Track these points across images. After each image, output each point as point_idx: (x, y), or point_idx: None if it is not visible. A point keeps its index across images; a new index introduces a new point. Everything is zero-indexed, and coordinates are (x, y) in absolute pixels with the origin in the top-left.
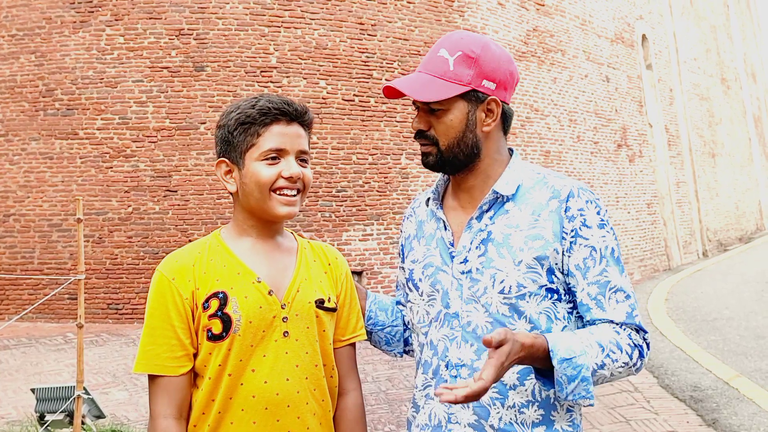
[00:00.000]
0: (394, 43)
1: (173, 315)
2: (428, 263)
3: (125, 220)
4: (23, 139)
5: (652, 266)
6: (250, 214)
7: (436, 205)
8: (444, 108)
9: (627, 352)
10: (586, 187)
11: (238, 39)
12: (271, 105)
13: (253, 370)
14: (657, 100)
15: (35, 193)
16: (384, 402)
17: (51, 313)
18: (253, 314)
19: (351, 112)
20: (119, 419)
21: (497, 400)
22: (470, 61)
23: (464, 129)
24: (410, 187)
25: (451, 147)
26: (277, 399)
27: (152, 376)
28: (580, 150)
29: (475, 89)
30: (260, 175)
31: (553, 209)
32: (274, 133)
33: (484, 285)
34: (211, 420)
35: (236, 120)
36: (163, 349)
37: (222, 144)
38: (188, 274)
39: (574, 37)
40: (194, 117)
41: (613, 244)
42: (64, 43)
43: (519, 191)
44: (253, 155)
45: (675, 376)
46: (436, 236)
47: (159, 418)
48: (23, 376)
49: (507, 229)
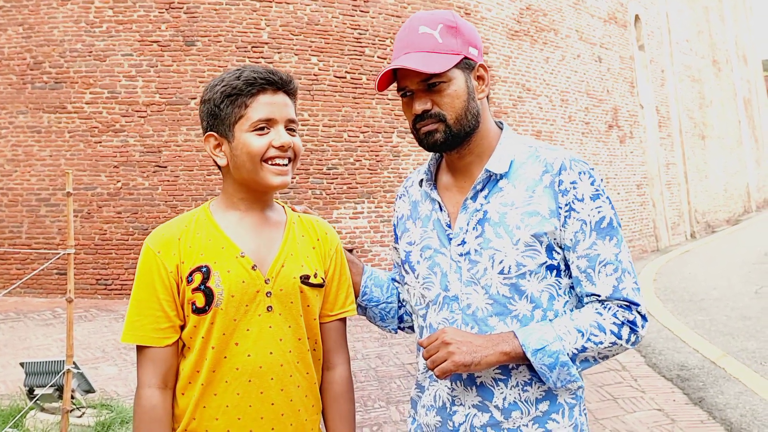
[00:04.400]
0: (387, 20)
1: (158, 288)
2: (426, 245)
3: (114, 195)
4: (11, 113)
5: (640, 247)
6: (242, 187)
7: (430, 186)
8: (445, 80)
9: (613, 332)
10: (579, 158)
11: (229, 14)
12: (256, 75)
13: (237, 343)
14: (648, 81)
15: (23, 167)
16: (374, 379)
17: (39, 288)
18: (236, 288)
19: (342, 89)
20: (108, 394)
21: (500, 380)
22: (453, 30)
23: (468, 98)
24: (401, 166)
25: (459, 119)
26: (260, 371)
27: (139, 347)
28: (571, 130)
29: (466, 57)
30: (251, 146)
31: (547, 184)
32: (262, 102)
33: (484, 266)
34: (196, 391)
35: (222, 92)
36: (148, 320)
37: (209, 118)
38: (173, 247)
39: (567, 17)
40: (184, 92)
41: (609, 214)
42: (53, 15)
43: (512, 167)
44: (242, 127)
45: (662, 355)
46: (432, 218)
47: (144, 387)
48: (11, 350)
49: (502, 208)
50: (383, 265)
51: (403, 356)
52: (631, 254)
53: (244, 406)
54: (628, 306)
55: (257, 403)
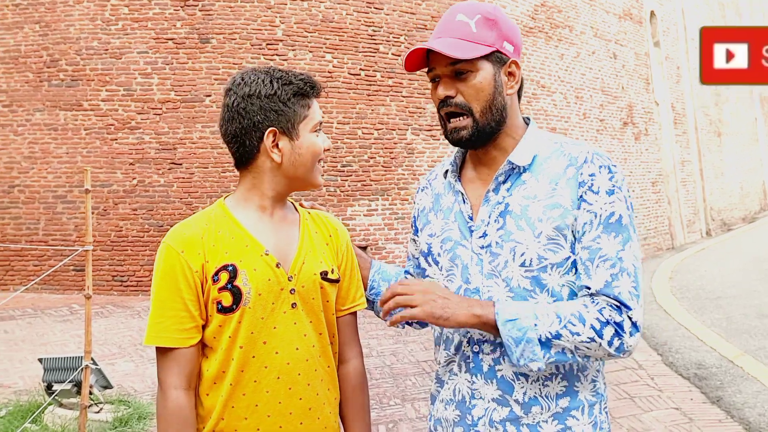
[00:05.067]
0: (401, 16)
1: (183, 287)
2: (446, 237)
3: (130, 193)
4: (27, 110)
5: (655, 245)
6: (286, 185)
7: (455, 177)
8: (472, 69)
9: (593, 327)
10: (603, 153)
11: (243, 11)
12: (313, 79)
13: (265, 342)
14: (664, 78)
15: (40, 164)
16: (389, 376)
17: (56, 285)
18: (263, 287)
19: (357, 86)
20: (126, 390)
21: (521, 375)
22: (491, 23)
23: (494, 91)
24: (415, 163)
25: (485, 112)
26: (288, 368)
27: (162, 348)
28: (586, 127)
29: (498, 51)
30: (316, 146)
31: (570, 176)
32: (317, 106)
33: (505, 259)
34: (224, 391)
35: (293, 91)
36: (172, 321)
37: (269, 113)
38: (197, 246)
39: (582, 13)
40: (199, 89)
41: (622, 212)
42: (69, 13)
43: (535, 161)
44: (307, 126)
45: (679, 354)
46: (455, 209)
47: (169, 389)
48: (29, 346)
49: (525, 200)
50: (397, 263)
51: (419, 353)
52: (647, 252)
53: (274, 404)
54: (618, 307)
55: (286, 399)
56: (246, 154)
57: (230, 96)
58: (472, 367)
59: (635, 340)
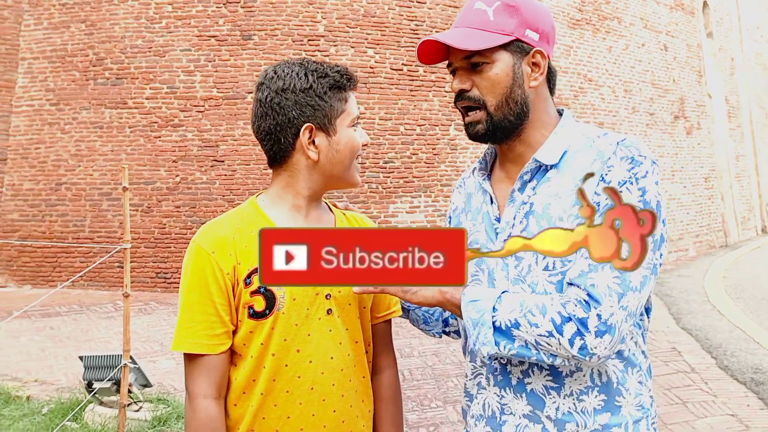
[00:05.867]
0: (444, 10)
1: (214, 290)
2: (474, 240)
3: (173, 190)
4: (74, 108)
5: (708, 242)
6: (323, 183)
7: (483, 176)
8: (487, 61)
9: (553, 321)
10: (634, 144)
11: (285, 7)
12: (350, 72)
13: (298, 350)
14: (717, 70)
15: (86, 162)
16: (431, 377)
17: (102, 281)
18: (297, 291)
19: (399, 81)
20: (166, 388)
21: (552, 389)
22: (511, 9)
23: (511, 84)
24: (458, 159)
25: (500, 106)
26: (322, 378)
27: (190, 355)
28: (635, 122)
29: (518, 39)
30: (355, 141)
31: (595, 171)
32: (354, 99)
33: (528, 263)
34: (254, 401)
35: (329, 84)
36: (202, 326)
37: (304, 108)
38: (229, 247)
39: (631, 4)
40: (241, 86)
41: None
42: (114, 12)
43: (564, 157)
44: (344, 121)
45: (734, 357)
46: (482, 210)
47: (198, 398)
48: (74, 343)
49: (547, 199)
50: None
51: (461, 354)
52: (699, 250)
53: (307, 416)
54: (586, 302)
55: (320, 411)
56: (280, 152)
57: (263, 90)
58: (500, 381)
59: (604, 344)
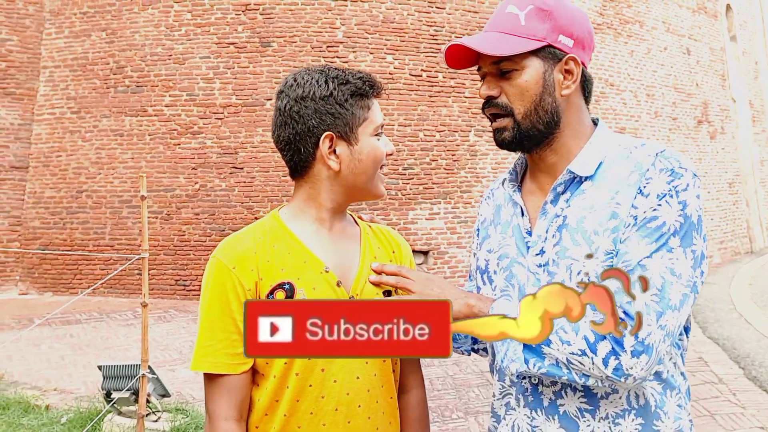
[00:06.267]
0: (464, 15)
1: (235, 308)
2: (503, 254)
3: (192, 197)
4: (95, 116)
5: (732, 249)
6: (346, 195)
7: (513, 187)
8: (517, 68)
9: (586, 339)
10: (673, 156)
11: (304, 13)
12: (373, 78)
13: (323, 369)
14: (741, 74)
15: (106, 169)
16: (451, 387)
17: (122, 288)
18: None
19: (418, 87)
20: (184, 398)
21: (586, 411)
22: (544, 14)
23: (541, 92)
24: (478, 165)
25: (528, 114)
26: (347, 399)
27: (210, 375)
28: (657, 126)
29: (551, 45)
30: (378, 150)
31: (632, 183)
32: (377, 107)
33: (561, 278)
34: (277, 423)
35: (350, 91)
36: (223, 345)
37: (324, 116)
38: (250, 262)
39: (653, 8)
40: (260, 93)
41: (667, 217)
42: (134, 20)
43: (599, 169)
44: (366, 130)
45: (763, 368)
46: (513, 223)
47: (219, 420)
48: (93, 351)
49: (581, 212)
50: (460, 268)
51: (482, 363)
52: (723, 256)
53: None
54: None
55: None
56: (301, 162)
57: (282, 99)
58: (531, 401)
59: (640, 365)
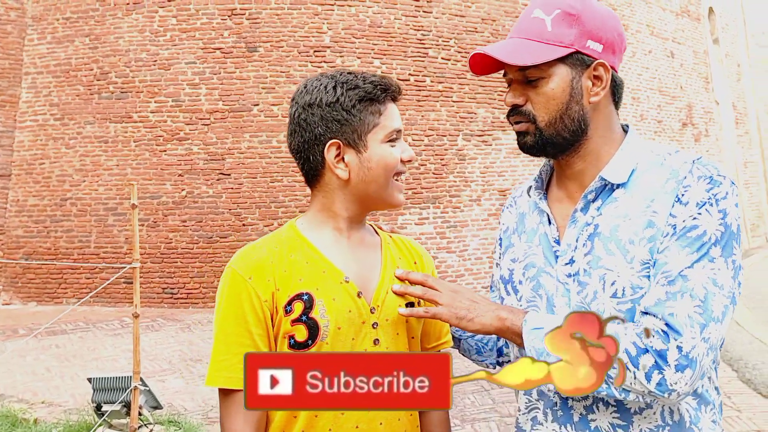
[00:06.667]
0: (451, 20)
1: (251, 320)
2: (530, 263)
3: (179, 204)
4: (79, 123)
5: None
6: (359, 204)
7: (539, 195)
8: (543, 75)
9: (627, 351)
10: (710, 163)
11: (290, 18)
12: (386, 81)
13: None
14: (724, 76)
15: (91, 177)
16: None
17: (108, 298)
18: (342, 319)
19: (406, 92)
20: (176, 409)
21: (619, 427)
22: (571, 18)
23: (568, 100)
24: (467, 170)
25: (552, 123)
26: (368, 416)
27: (226, 390)
28: (643, 129)
29: (578, 51)
30: (390, 158)
31: (669, 191)
32: (393, 111)
33: (594, 288)
34: None
35: (358, 97)
36: (238, 359)
37: (331, 123)
38: (267, 272)
39: (637, 11)
40: (247, 99)
41: (708, 226)
42: (118, 26)
43: (632, 176)
44: (377, 136)
45: (756, 370)
46: (539, 231)
47: None
48: (80, 361)
49: (615, 220)
50: (450, 273)
51: (477, 369)
52: None
53: None
54: (664, 332)
55: None
56: (312, 170)
57: (293, 106)
58: (560, 416)
59: (685, 379)
